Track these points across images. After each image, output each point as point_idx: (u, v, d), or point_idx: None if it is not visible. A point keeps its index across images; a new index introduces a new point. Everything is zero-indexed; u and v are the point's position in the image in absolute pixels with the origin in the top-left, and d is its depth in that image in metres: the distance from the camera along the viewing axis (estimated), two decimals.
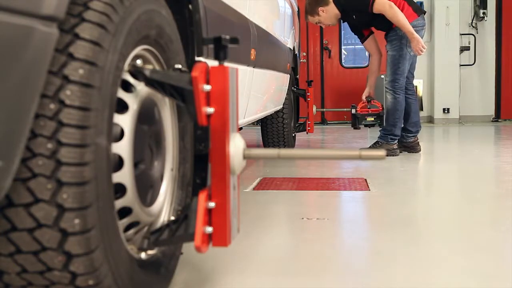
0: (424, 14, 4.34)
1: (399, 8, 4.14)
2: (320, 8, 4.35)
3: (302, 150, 1.26)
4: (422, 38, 4.25)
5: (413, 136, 4.48)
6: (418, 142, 4.54)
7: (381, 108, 4.83)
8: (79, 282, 0.97)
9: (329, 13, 4.35)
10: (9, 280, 0.99)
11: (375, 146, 4.39)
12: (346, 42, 9.34)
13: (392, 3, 4.06)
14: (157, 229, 1.25)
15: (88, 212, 0.93)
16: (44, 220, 0.91)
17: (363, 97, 4.83)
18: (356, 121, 4.87)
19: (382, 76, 7.94)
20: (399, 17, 4.05)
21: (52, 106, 0.90)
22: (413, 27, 4.16)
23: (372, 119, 4.83)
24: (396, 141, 4.38)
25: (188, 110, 1.14)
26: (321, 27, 5.00)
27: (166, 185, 1.38)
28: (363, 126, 4.93)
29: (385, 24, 4.22)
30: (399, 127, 4.32)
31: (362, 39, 4.55)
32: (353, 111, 4.88)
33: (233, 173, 1.15)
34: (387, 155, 4.24)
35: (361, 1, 4.14)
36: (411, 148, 4.50)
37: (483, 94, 9.15)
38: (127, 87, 1.18)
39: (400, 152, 4.46)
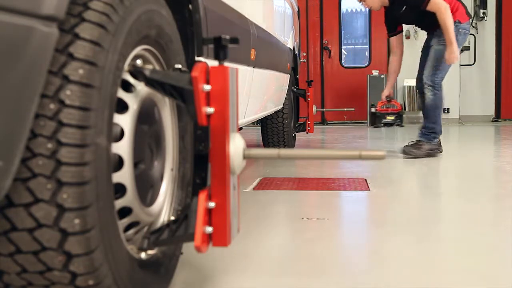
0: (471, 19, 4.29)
1: (454, 8, 4.07)
2: None
3: (302, 150, 1.26)
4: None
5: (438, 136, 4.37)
6: (441, 143, 4.38)
7: (400, 107, 4.72)
8: (79, 282, 0.97)
9: None
10: (9, 280, 0.99)
11: (417, 145, 4.17)
12: (346, 42, 9.34)
13: (448, 6, 4.00)
14: (157, 229, 1.25)
15: (88, 212, 0.93)
16: (44, 220, 0.91)
17: (383, 97, 4.68)
18: (375, 120, 4.75)
19: (382, 76, 8.00)
20: (449, 21, 4.00)
21: (52, 106, 0.90)
22: (462, 29, 4.10)
23: (392, 118, 4.72)
24: (438, 139, 4.26)
25: (188, 110, 1.14)
26: (321, 27, 4.97)
27: (166, 185, 1.38)
28: (382, 125, 4.82)
29: (430, 25, 4.15)
30: (440, 124, 4.18)
31: (393, 33, 4.43)
32: (373, 109, 4.75)
33: (233, 173, 1.15)
34: (429, 155, 4.14)
35: None
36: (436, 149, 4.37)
37: (483, 94, 9.15)
38: (127, 87, 1.18)
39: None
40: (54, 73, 0.91)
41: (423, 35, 4.45)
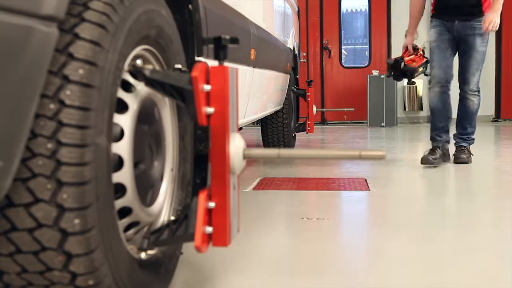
0: None
1: (487, 0, 3.78)
2: None
3: (302, 150, 1.26)
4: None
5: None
6: None
7: (423, 53, 4.34)
8: (79, 282, 0.96)
9: None
10: (9, 280, 0.99)
11: (463, 152, 3.97)
12: (346, 42, 9.34)
13: None
14: (157, 229, 1.25)
15: (88, 212, 0.93)
16: (44, 220, 0.91)
17: (409, 47, 4.13)
18: (408, 76, 4.30)
19: (382, 76, 7.99)
20: None
21: (52, 106, 0.90)
22: None
23: (422, 69, 4.36)
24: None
25: (188, 110, 1.14)
26: (321, 27, 4.87)
27: (166, 185, 1.38)
28: (414, 82, 4.44)
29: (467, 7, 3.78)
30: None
31: None
32: (402, 65, 4.30)
33: (233, 173, 1.15)
34: (470, 161, 3.89)
35: None
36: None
37: (483, 94, 9.10)
38: (127, 87, 1.18)
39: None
40: (54, 73, 0.91)
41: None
